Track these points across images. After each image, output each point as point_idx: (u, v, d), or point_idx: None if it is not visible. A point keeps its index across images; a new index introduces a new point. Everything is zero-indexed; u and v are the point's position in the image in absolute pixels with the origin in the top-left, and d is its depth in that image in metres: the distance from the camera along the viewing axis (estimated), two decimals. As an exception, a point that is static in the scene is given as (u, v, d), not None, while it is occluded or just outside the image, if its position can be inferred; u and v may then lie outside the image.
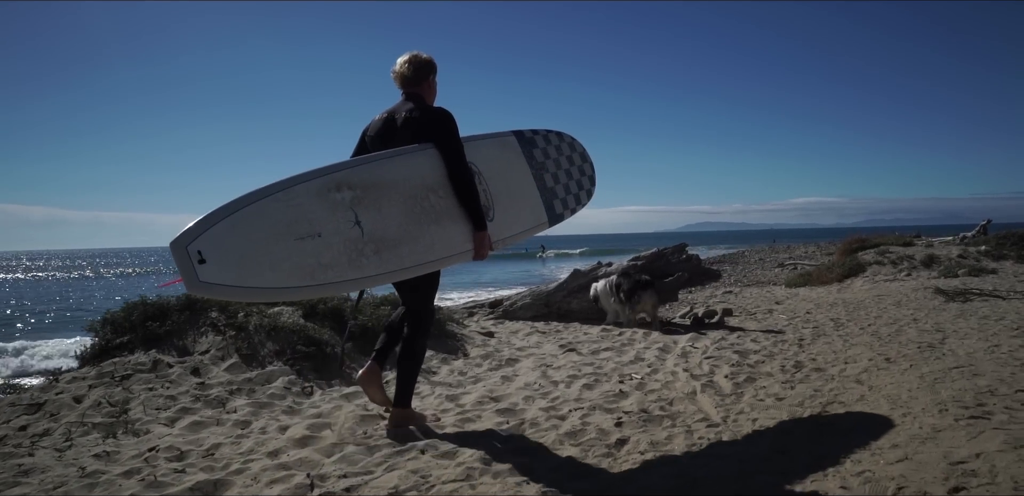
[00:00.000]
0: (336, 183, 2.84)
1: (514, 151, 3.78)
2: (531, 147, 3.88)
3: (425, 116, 3.20)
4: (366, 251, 2.84)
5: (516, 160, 3.78)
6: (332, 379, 4.43)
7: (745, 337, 6.23)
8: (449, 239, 3.14)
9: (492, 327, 7.41)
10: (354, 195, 2.86)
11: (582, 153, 4.25)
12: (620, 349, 5.66)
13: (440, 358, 5.18)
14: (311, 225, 2.71)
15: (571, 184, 4.08)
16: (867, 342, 5.64)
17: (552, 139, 4.05)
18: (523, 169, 3.79)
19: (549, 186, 3.92)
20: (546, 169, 3.93)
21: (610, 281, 7.34)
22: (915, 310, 7.81)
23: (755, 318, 8.20)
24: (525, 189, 3.78)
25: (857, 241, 16.38)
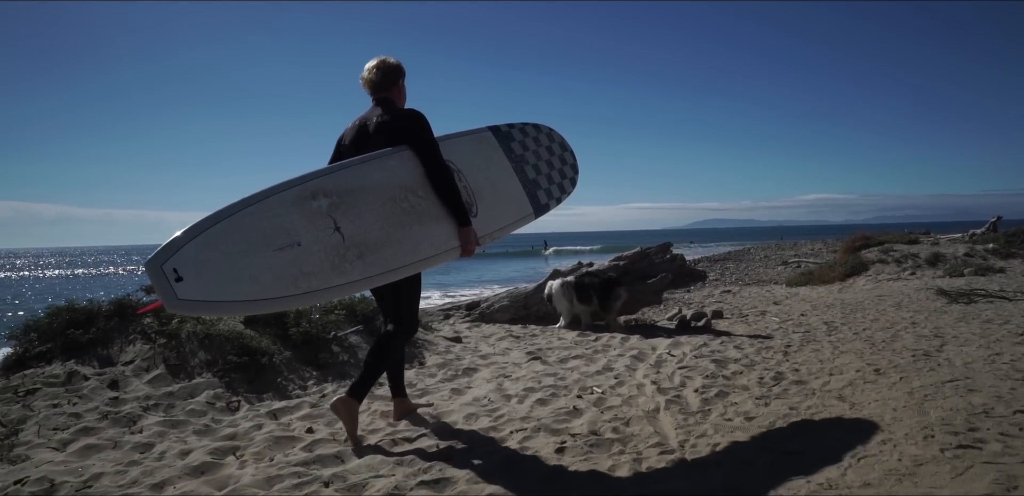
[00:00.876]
0: (311, 192, 2.82)
1: (491, 146, 3.77)
2: (508, 141, 3.87)
3: (396, 119, 3.20)
4: (348, 256, 2.84)
5: (494, 155, 3.77)
6: (265, 392, 4.06)
7: (729, 343, 5.82)
8: (434, 238, 3.14)
9: (466, 331, 7.04)
10: (331, 202, 2.85)
11: (561, 143, 4.22)
12: (591, 357, 5.27)
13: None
14: (289, 235, 2.70)
15: (553, 174, 4.07)
16: (858, 349, 5.22)
17: (529, 131, 4.03)
18: (503, 163, 3.79)
19: (531, 178, 3.91)
20: (526, 161, 3.91)
21: (566, 281, 6.95)
22: (915, 313, 7.37)
23: (746, 320, 7.79)
24: (507, 183, 3.77)
25: (861, 239, 15.89)
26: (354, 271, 2.86)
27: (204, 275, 2.48)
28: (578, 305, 6.87)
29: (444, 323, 7.84)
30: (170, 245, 2.47)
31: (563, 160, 4.20)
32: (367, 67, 3.33)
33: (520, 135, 3.97)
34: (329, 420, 3.58)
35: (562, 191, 4.12)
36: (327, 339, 4.69)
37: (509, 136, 3.90)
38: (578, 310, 6.90)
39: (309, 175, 2.90)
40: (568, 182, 4.20)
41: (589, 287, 6.79)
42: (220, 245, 2.55)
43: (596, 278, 6.84)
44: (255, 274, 2.59)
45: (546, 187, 4.01)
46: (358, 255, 2.87)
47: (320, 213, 2.82)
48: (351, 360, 4.74)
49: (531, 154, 3.98)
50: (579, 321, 6.98)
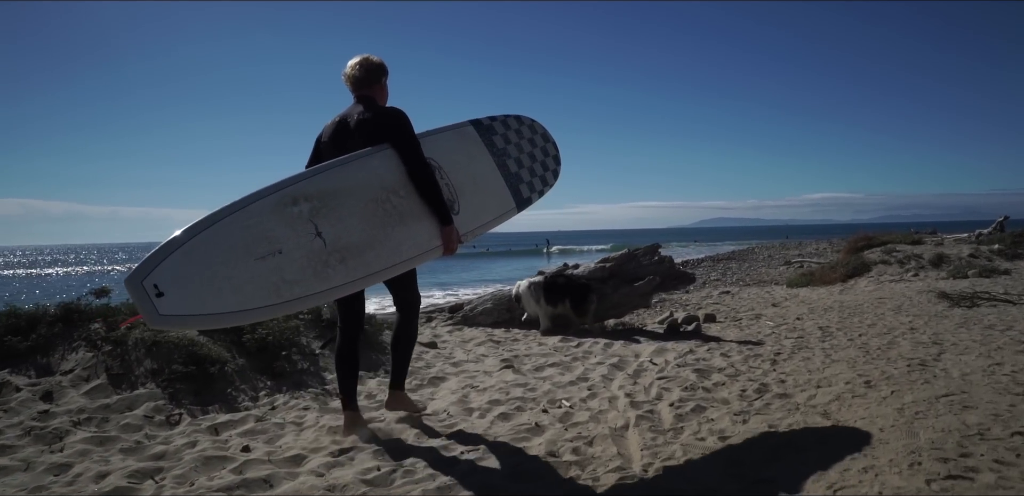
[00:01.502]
0: (292, 197, 2.76)
1: (473, 141, 3.71)
2: (490, 134, 3.80)
3: (377, 117, 3.16)
4: (331, 261, 2.79)
5: (476, 149, 3.70)
6: (212, 404, 3.80)
7: (716, 350, 5.54)
8: (416, 238, 3.10)
9: (446, 335, 6.78)
10: (312, 206, 2.79)
11: (543, 134, 4.13)
12: (568, 365, 5.00)
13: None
14: (270, 243, 2.64)
15: (535, 166, 3.98)
16: (851, 358, 4.94)
17: (511, 124, 3.95)
18: (485, 158, 3.72)
19: (513, 171, 3.84)
20: (508, 155, 3.85)
21: (534, 281, 6.69)
22: (914, 317, 7.07)
23: (739, 325, 7.50)
24: (489, 178, 3.71)
25: (863, 239, 15.56)
26: (336, 276, 2.81)
27: (185, 289, 2.43)
28: (545, 306, 6.60)
29: (425, 326, 7.59)
30: (149, 260, 2.41)
31: (545, 152, 4.10)
32: (350, 64, 3.30)
33: (502, 128, 3.88)
34: (271, 437, 3.33)
35: (544, 184, 4.03)
36: (286, 346, 4.43)
37: (491, 129, 3.82)
38: (545, 311, 6.63)
39: (289, 180, 2.83)
40: (551, 174, 4.10)
41: (559, 289, 6.54)
42: (200, 257, 2.50)
43: (569, 281, 6.58)
44: (237, 285, 2.54)
45: (528, 180, 3.92)
46: (340, 260, 2.82)
47: (301, 219, 2.76)
48: (311, 368, 4.49)
49: (513, 147, 3.90)
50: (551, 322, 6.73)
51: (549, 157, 4.12)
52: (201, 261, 2.50)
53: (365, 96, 3.29)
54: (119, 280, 2.59)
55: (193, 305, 2.44)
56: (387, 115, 3.17)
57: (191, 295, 2.44)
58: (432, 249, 3.18)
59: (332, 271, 2.79)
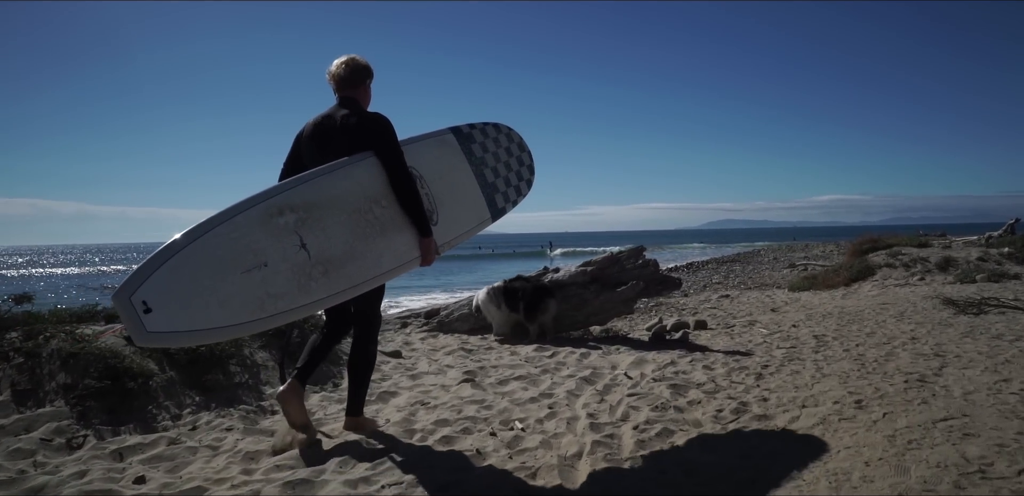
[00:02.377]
0: (278, 207, 2.70)
1: (453, 149, 3.67)
2: (470, 143, 3.76)
3: (363, 122, 3.10)
4: (314, 274, 2.74)
5: (456, 159, 3.66)
6: (127, 423, 3.43)
7: (700, 361, 5.13)
8: (396, 249, 3.06)
9: (417, 342, 6.40)
10: (297, 217, 2.74)
11: (519, 143, 4.09)
12: (535, 378, 4.60)
13: (298, 391, 4.17)
14: (256, 255, 2.59)
15: (511, 176, 3.97)
16: (844, 372, 4.52)
17: (490, 132, 3.91)
18: (463, 167, 3.68)
19: (490, 181, 3.82)
20: (486, 164, 3.82)
21: (493, 286, 6.31)
22: (917, 325, 6.64)
23: (731, 332, 7.08)
24: (467, 188, 3.67)
25: (868, 241, 15.08)
26: (319, 289, 2.75)
27: (172, 305, 2.36)
28: (507, 311, 6.23)
29: (399, 332, 7.21)
30: (137, 275, 2.34)
31: (520, 161, 4.06)
32: (336, 62, 3.24)
33: (481, 136, 3.85)
34: (177, 464, 2.95)
35: (518, 193, 4.02)
36: (222, 358, 4.06)
37: (470, 137, 3.78)
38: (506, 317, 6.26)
39: (274, 189, 2.77)
40: (524, 184, 4.07)
41: (517, 293, 6.15)
42: (187, 271, 2.43)
43: (528, 284, 6.20)
44: (223, 299, 2.47)
45: (504, 190, 3.90)
46: (323, 272, 2.77)
47: (287, 230, 2.70)
48: (249, 381, 4.11)
49: (491, 156, 3.86)
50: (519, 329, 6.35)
51: (524, 166, 4.08)
52: (188, 276, 2.43)
53: (349, 97, 3.22)
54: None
55: (181, 321, 2.38)
56: (372, 121, 3.11)
57: (178, 311, 2.38)
58: (410, 261, 3.13)
59: (315, 284, 2.74)
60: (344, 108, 3.18)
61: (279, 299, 2.61)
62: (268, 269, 2.60)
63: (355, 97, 3.24)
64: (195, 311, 2.42)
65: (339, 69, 3.22)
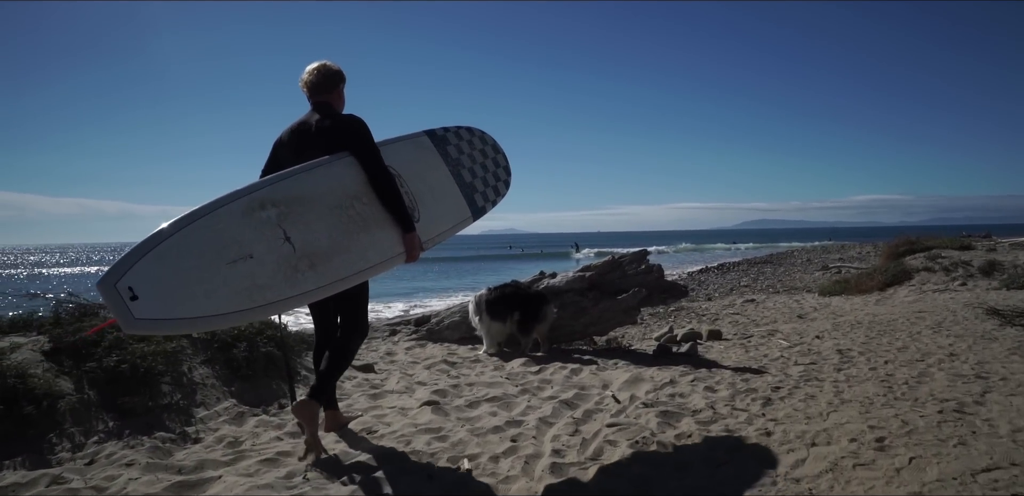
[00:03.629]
0: (260, 202, 2.79)
1: (429, 150, 3.74)
2: (445, 145, 3.83)
3: (337, 124, 3.17)
4: (301, 267, 2.81)
5: (432, 159, 3.74)
6: (17, 455, 2.97)
7: (704, 381, 4.53)
8: (380, 245, 3.13)
9: (402, 353, 5.92)
10: (279, 212, 2.81)
11: (493, 145, 4.16)
12: (511, 400, 4.05)
13: (235, 413, 3.68)
14: (241, 247, 2.66)
15: (488, 177, 4.04)
16: (868, 397, 3.90)
17: (463, 135, 4.00)
18: (440, 167, 3.76)
19: (468, 181, 3.89)
20: (462, 165, 3.89)
21: (480, 295, 5.77)
22: (956, 339, 5.93)
23: (747, 344, 6.45)
24: (445, 187, 3.75)
25: (905, 243, 14.19)
26: (307, 282, 2.81)
27: (159, 292, 2.43)
28: (490, 322, 5.68)
29: (387, 340, 6.73)
30: (122, 263, 2.40)
31: (496, 163, 4.13)
32: (307, 69, 3.28)
33: (455, 139, 3.92)
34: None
35: (497, 193, 4.07)
36: (152, 376, 3.59)
37: (445, 140, 3.84)
38: (488, 328, 5.71)
39: (256, 185, 2.86)
40: (502, 184, 4.13)
41: (506, 302, 5.60)
42: (173, 261, 2.50)
43: (519, 291, 5.64)
44: (210, 289, 2.55)
45: (482, 190, 3.96)
46: (310, 265, 2.83)
47: (270, 223, 2.77)
48: (181, 402, 3.64)
49: (466, 158, 3.93)
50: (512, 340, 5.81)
51: (500, 168, 4.14)
52: (174, 265, 2.49)
53: (322, 102, 3.27)
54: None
55: (167, 309, 2.43)
56: (346, 122, 3.17)
57: (165, 299, 2.43)
58: (396, 256, 3.19)
59: (302, 276, 2.80)
60: (318, 113, 3.23)
61: (267, 290, 2.67)
62: (254, 261, 2.66)
63: (328, 102, 3.29)
64: (182, 299, 2.47)
65: (310, 76, 3.26)
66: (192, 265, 2.54)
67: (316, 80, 3.25)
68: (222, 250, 2.62)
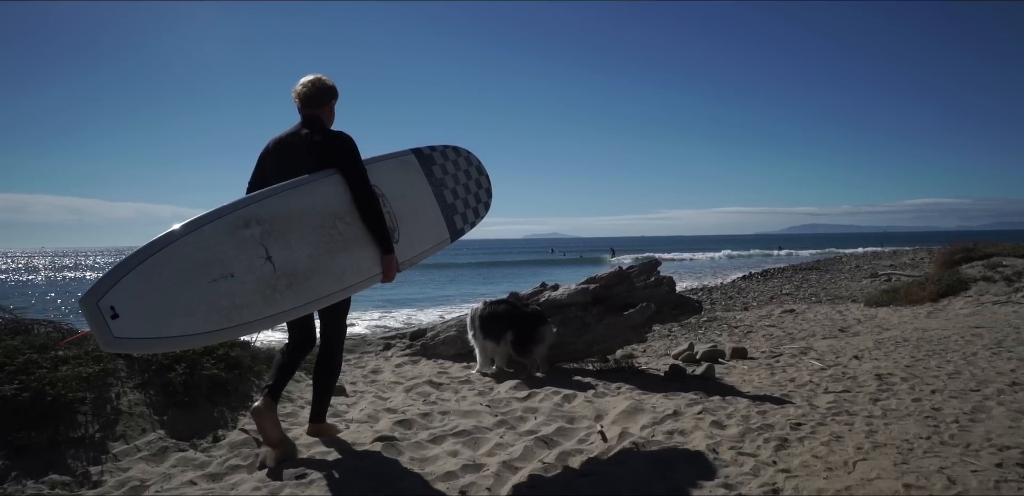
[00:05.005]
0: (244, 219, 2.77)
1: (415, 170, 3.71)
2: (430, 164, 3.80)
3: (327, 140, 3.16)
4: (279, 286, 2.80)
5: (417, 179, 3.71)
6: None
7: (712, 413, 3.91)
8: (358, 265, 3.13)
9: (390, 370, 5.42)
10: (263, 230, 2.79)
11: (478, 166, 4.11)
12: (483, 434, 3.49)
13: (157, 448, 3.21)
14: (223, 265, 2.65)
15: (469, 198, 4.01)
16: (907, 440, 3.23)
17: (449, 154, 3.94)
18: (424, 188, 3.73)
19: (449, 202, 3.86)
20: (445, 185, 3.85)
21: (475, 309, 5.22)
22: (1020, 362, 5.15)
23: (774, 365, 5.77)
24: (427, 208, 3.72)
25: (961, 250, 13.12)
26: (284, 301, 2.81)
27: (140, 311, 2.42)
28: (483, 340, 5.14)
29: (379, 356, 6.25)
30: (104, 281, 2.39)
31: (479, 184, 4.09)
32: (302, 81, 3.28)
33: (441, 158, 3.86)
34: None
35: (476, 215, 4.03)
36: (61, 405, 3.15)
37: (431, 159, 3.80)
38: (482, 347, 5.17)
39: (243, 201, 2.84)
40: (482, 206, 4.08)
41: (500, 320, 5.04)
42: (155, 279, 2.49)
43: (513, 309, 5.07)
44: (190, 307, 2.54)
45: (462, 212, 3.93)
46: (288, 285, 2.82)
47: (253, 242, 2.76)
48: (96, 435, 3.18)
49: (450, 178, 3.89)
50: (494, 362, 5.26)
51: (482, 189, 4.10)
52: (156, 282, 2.48)
53: (313, 116, 3.25)
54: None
55: (147, 328, 2.43)
56: (336, 139, 3.16)
57: (145, 317, 2.42)
58: (372, 277, 3.19)
59: (280, 296, 2.79)
60: (307, 126, 3.21)
61: (244, 309, 2.67)
62: (234, 280, 2.65)
63: (319, 116, 3.26)
64: (162, 318, 2.47)
65: (304, 88, 3.25)
66: (174, 283, 2.51)
67: (309, 92, 3.24)
68: (204, 268, 2.59)
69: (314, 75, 3.29)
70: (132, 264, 2.46)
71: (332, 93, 3.32)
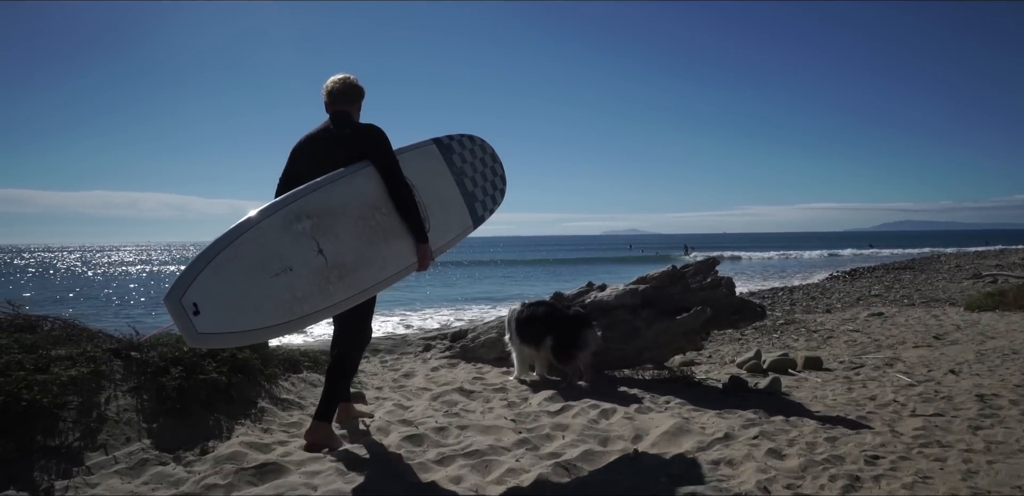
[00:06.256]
0: (296, 214, 2.83)
1: (437, 159, 3.75)
2: (450, 153, 3.83)
3: (357, 133, 3.22)
4: (331, 278, 2.87)
5: (440, 168, 3.75)
6: None
7: (773, 438, 3.34)
8: (397, 255, 3.20)
9: (419, 375, 5.07)
10: (313, 224, 2.86)
11: (492, 154, 4.12)
12: (497, 457, 3.05)
13: (137, 460, 2.91)
14: (282, 260, 2.72)
15: (487, 186, 4.03)
16: (1018, 485, 2.59)
17: (466, 143, 3.96)
18: (447, 176, 3.78)
19: (470, 190, 3.89)
20: (465, 174, 3.89)
21: (512, 311, 4.76)
22: None
23: (853, 378, 5.08)
24: (451, 196, 3.78)
25: (1081, 249, 11.68)
26: (337, 293, 2.89)
27: (217, 306, 2.49)
28: (520, 345, 4.69)
29: (418, 357, 5.91)
30: (184, 277, 2.47)
31: (494, 171, 4.10)
32: (332, 78, 3.33)
33: (459, 147, 3.90)
34: None
35: (494, 202, 4.06)
36: (40, 410, 2.92)
37: (450, 148, 3.84)
38: (519, 352, 4.73)
39: (290, 196, 2.88)
40: (499, 193, 4.11)
41: (539, 323, 4.57)
42: (227, 275, 2.56)
43: (553, 311, 4.58)
44: (258, 302, 2.62)
45: (482, 199, 3.96)
46: (339, 277, 2.89)
47: (305, 236, 2.82)
48: (77, 444, 2.92)
49: (469, 166, 3.92)
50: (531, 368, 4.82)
51: (497, 176, 4.11)
52: (228, 278, 2.56)
53: (342, 111, 3.30)
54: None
55: (225, 323, 2.51)
56: (367, 132, 3.21)
57: (223, 312, 2.50)
58: (409, 266, 3.26)
59: (332, 288, 2.86)
60: (337, 121, 3.27)
61: (304, 302, 2.75)
62: (293, 273, 2.73)
63: (348, 111, 3.31)
64: (236, 313, 2.55)
65: (336, 84, 3.31)
66: (243, 279, 2.59)
67: (341, 88, 3.30)
68: (266, 263, 2.67)
69: (343, 74, 3.37)
70: (205, 261, 2.52)
71: (360, 93, 3.39)
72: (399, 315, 15.48)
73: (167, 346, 3.57)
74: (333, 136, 3.21)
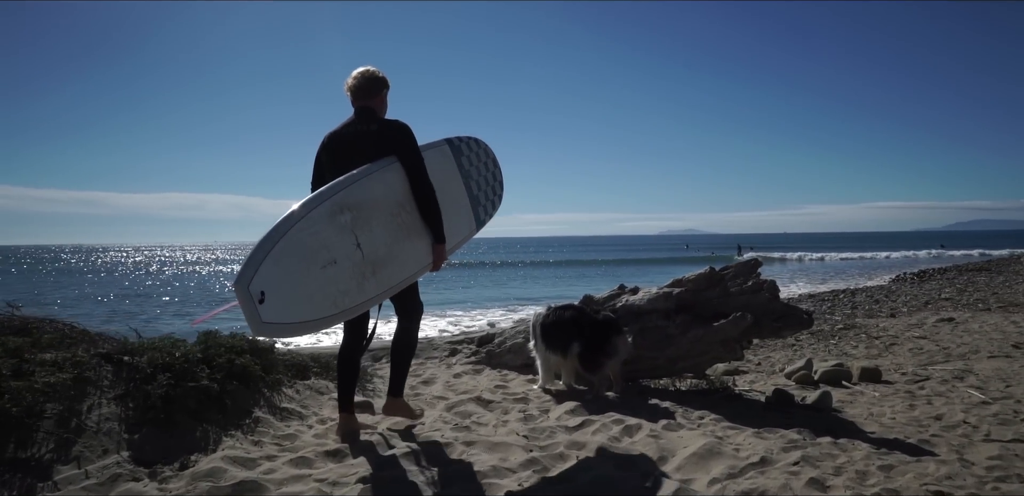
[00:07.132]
0: (339, 206, 2.85)
1: (449, 160, 3.71)
2: (459, 155, 3.79)
3: (383, 129, 3.23)
4: (367, 273, 2.91)
5: (451, 169, 3.72)
6: None
7: (816, 464, 2.92)
8: (417, 253, 3.22)
9: (439, 381, 4.79)
10: (353, 216, 2.89)
11: (494, 159, 4.08)
12: (498, 480, 2.75)
13: (109, 475, 2.70)
14: (328, 252, 2.75)
15: (488, 190, 3.99)
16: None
17: (473, 146, 3.92)
18: (456, 178, 3.75)
19: (474, 193, 3.87)
20: (471, 176, 3.85)
21: (537, 315, 4.42)
22: None
23: (916, 393, 4.57)
24: (459, 198, 3.74)
25: None
26: (370, 288, 2.92)
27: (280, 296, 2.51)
28: (545, 352, 4.35)
29: (443, 362, 5.65)
30: (248, 265, 2.47)
31: (494, 176, 4.08)
32: (352, 75, 3.33)
33: (467, 150, 3.87)
34: None
35: (494, 207, 4.05)
36: (4, 419, 2.75)
37: (460, 150, 3.81)
38: (544, 359, 4.40)
39: (332, 188, 2.89)
40: (497, 198, 4.09)
41: (565, 328, 4.22)
42: (285, 264, 2.57)
43: (580, 315, 4.23)
44: (310, 294, 2.65)
45: (484, 203, 3.94)
46: (373, 272, 2.93)
47: (347, 229, 2.84)
48: (47, 456, 2.74)
49: (474, 169, 3.90)
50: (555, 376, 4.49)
51: (496, 182, 4.08)
52: (286, 268, 2.57)
53: (366, 107, 3.29)
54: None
55: (286, 313, 2.53)
56: (394, 128, 3.21)
57: (283, 302, 2.52)
58: (425, 267, 3.28)
59: (367, 283, 2.90)
60: (363, 117, 3.27)
61: (346, 295, 2.78)
62: (337, 266, 2.75)
63: (371, 107, 3.30)
64: (294, 303, 2.56)
65: (355, 80, 3.29)
66: (298, 269, 2.61)
67: (360, 84, 3.28)
68: (316, 254, 2.68)
69: (363, 68, 3.34)
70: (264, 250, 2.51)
71: (382, 83, 3.34)
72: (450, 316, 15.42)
73: (158, 350, 3.38)
74: (358, 132, 3.21)
